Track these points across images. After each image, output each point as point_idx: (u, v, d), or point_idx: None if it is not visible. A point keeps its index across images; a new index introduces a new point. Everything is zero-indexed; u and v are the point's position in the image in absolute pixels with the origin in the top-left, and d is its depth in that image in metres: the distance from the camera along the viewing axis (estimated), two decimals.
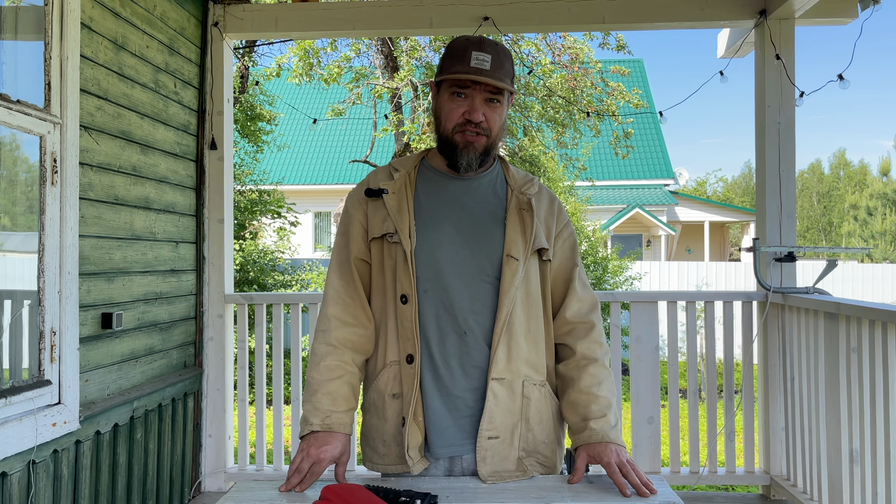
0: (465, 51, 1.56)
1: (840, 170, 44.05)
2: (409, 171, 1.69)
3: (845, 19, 3.50)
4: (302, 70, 8.82)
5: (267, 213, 9.44)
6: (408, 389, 1.57)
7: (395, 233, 1.60)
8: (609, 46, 9.20)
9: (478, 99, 1.57)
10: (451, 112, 1.59)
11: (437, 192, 1.66)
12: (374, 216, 1.65)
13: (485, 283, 1.59)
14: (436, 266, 1.58)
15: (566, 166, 10.85)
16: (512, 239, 1.61)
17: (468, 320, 1.57)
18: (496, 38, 8.97)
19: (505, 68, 1.58)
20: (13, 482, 2.21)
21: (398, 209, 1.62)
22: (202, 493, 3.62)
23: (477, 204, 1.65)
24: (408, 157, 1.74)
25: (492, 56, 1.56)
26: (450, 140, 1.61)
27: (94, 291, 2.72)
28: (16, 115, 2.24)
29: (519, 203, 1.66)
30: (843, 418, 2.79)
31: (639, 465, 3.57)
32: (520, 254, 1.60)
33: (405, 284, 1.58)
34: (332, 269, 1.70)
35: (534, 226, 1.63)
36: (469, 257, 1.60)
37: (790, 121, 3.49)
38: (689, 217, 20.86)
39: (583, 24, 3.68)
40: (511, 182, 1.70)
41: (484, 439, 1.55)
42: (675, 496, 1.45)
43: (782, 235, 3.48)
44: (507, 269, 1.58)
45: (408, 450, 1.55)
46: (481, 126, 1.58)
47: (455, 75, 1.55)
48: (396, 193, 1.64)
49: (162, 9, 3.23)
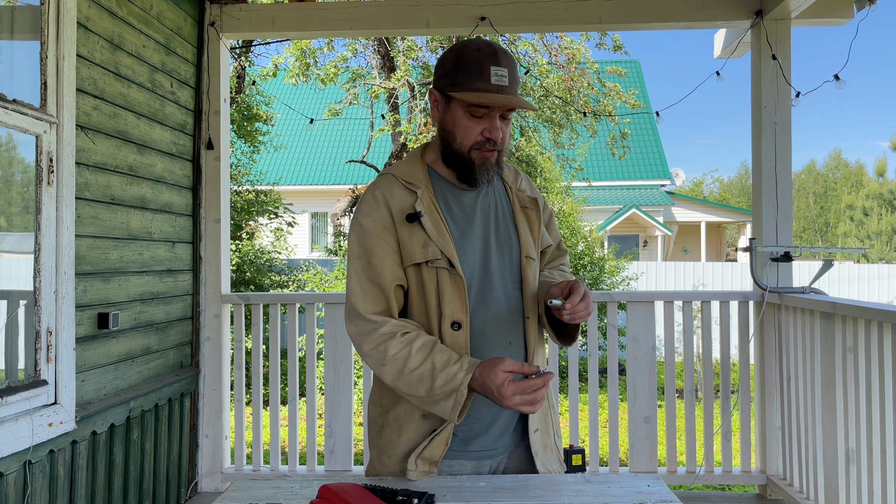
0: (483, 65, 1.49)
1: (836, 170, 44.17)
2: (426, 185, 1.59)
3: (841, 20, 3.51)
4: (298, 70, 8.80)
5: (264, 214, 9.43)
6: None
7: (441, 258, 1.51)
8: (606, 47, 9.21)
9: (496, 117, 1.53)
10: (468, 129, 1.53)
11: (457, 206, 1.60)
12: (411, 240, 1.53)
13: (514, 288, 1.61)
14: (478, 285, 1.57)
15: (563, 167, 10.85)
16: (526, 240, 1.63)
17: (509, 330, 1.59)
18: (493, 39, 8.99)
19: (518, 79, 1.54)
20: (9, 482, 2.21)
21: (438, 232, 1.53)
22: (199, 494, 3.62)
23: (492, 212, 1.63)
24: (413, 168, 1.62)
25: (508, 69, 1.51)
26: (465, 157, 1.55)
27: (91, 291, 2.71)
28: (12, 115, 2.23)
29: (520, 202, 1.68)
30: (840, 418, 2.80)
31: (635, 464, 3.57)
32: (534, 253, 1.64)
33: (458, 311, 1.52)
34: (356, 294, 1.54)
35: (540, 223, 1.67)
36: (496, 267, 1.59)
37: (786, 121, 3.50)
38: (685, 217, 20.89)
39: (579, 24, 3.69)
40: (507, 180, 1.70)
41: (531, 433, 1.63)
42: (671, 494, 1.45)
43: (779, 235, 3.48)
44: (529, 270, 1.61)
45: (417, 458, 1.53)
46: (497, 143, 1.55)
47: (478, 94, 1.49)
48: (428, 214, 1.55)
49: (158, 8, 3.23)
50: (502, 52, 1.54)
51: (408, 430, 1.56)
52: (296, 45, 8.58)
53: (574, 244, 9.48)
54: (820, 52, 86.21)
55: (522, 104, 1.51)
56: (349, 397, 3.65)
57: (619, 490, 1.49)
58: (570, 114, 9.43)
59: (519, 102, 1.51)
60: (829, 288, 10.58)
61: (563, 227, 10.03)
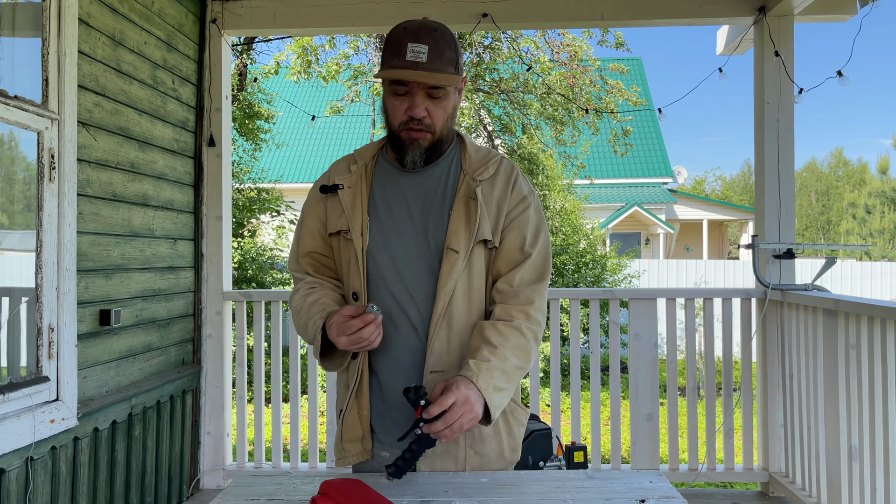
0: (402, 43, 1.48)
1: (839, 168, 44.10)
2: (367, 162, 1.65)
3: (844, 16, 3.50)
4: (300, 67, 8.81)
5: (266, 211, 9.42)
6: (351, 382, 1.60)
7: (349, 230, 1.58)
8: (608, 44, 9.20)
9: (419, 95, 1.50)
10: (394, 108, 1.53)
11: (391, 185, 1.62)
12: (332, 212, 1.63)
13: (432, 276, 1.55)
14: (387, 262, 1.56)
15: (565, 164, 10.85)
16: (454, 230, 1.54)
17: (412, 315, 1.55)
18: (494, 34, 8.98)
19: (445, 56, 1.49)
20: (11, 479, 2.21)
21: (352, 206, 1.59)
22: (200, 491, 3.62)
23: (427, 196, 1.59)
24: (368, 147, 1.70)
25: (429, 46, 1.47)
26: (397, 137, 1.56)
27: (92, 288, 2.72)
28: (13, 111, 2.23)
29: (468, 191, 1.57)
30: (842, 415, 2.79)
31: (637, 462, 3.57)
32: (461, 246, 1.52)
33: (355, 282, 1.57)
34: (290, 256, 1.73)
35: (478, 216, 1.53)
36: (419, 252, 1.56)
37: (789, 118, 3.49)
38: (687, 215, 20.86)
39: (581, 20, 3.68)
40: (465, 165, 1.61)
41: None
42: (673, 490, 1.45)
43: (781, 232, 3.48)
44: (446, 261, 1.52)
45: (342, 441, 1.60)
46: (424, 122, 1.52)
47: (388, 71, 1.48)
48: (352, 188, 1.61)
49: (160, 5, 3.22)
50: (428, 29, 1.50)
51: (338, 402, 1.67)
52: (297, 42, 8.58)
53: (576, 242, 9.46)
54: (823, 48, 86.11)
55: (429, 80, 1.46)
56: None
57: (621, 486, 1.48)
58: (573, 111, 9.42)
59: (424, 78, 1.45)
60: (832, 285, 10.57)
61: (565, 225, 10.02)
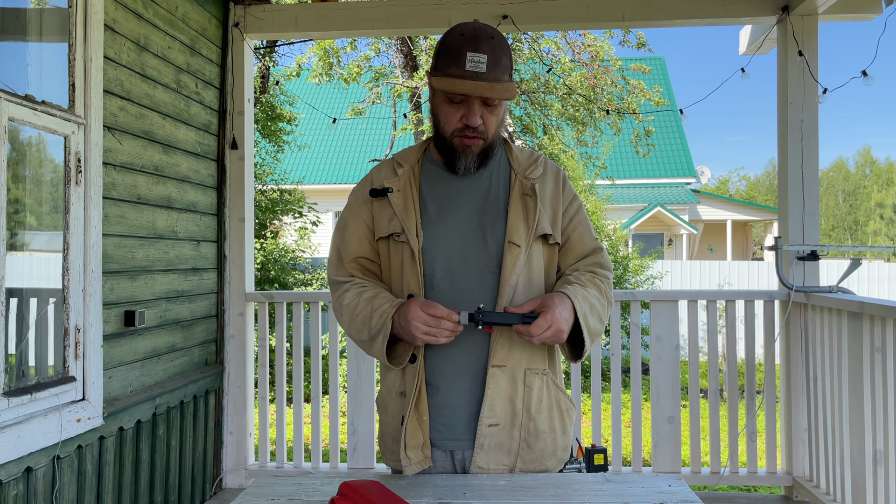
0: (460, 50, 1.49)
1: (866, 167, 43.43)
2: (413, 165, 1.65)
3: (869, 15, 3.45)
4: (322, 70, 8.85)
5: (288, 213, 9.49)
6: (410, 388, 1.57)
7: (402, 232, 1.58)
8: (629, 44, 9.14)
9: (476, 103, 1.52)
10: (448, 115, 1.55)
11: (441, 186, 1.63)
12: (381, 215, 1.62)
13: (491, 273, 1.57)
14: (443, 263, 1.57)
15: (586, 165, 10.80)
16: (514, 225, 1.57)
17: None
18: (514, 35, 8.96)
19: (502, 65, 1.50)
20: (38, 477, 2.25)
21: (404, 208, 1.59)
22: (223, 490, 3.66)
23: (480, 196, 1.62)
24: (410, 150, 1.70)
25: (488, 55, 1.48)
26: (448, 143, 1.57)
27: (118, 289, 2.76)
28: (41, 116, 2.27)
29: (522, 188, 1.61)
30: (867, 419, 2.75)
31: (659, 464, 3.55)
32: (521, 240, 1.56)
33: (412, 283, 1.57)
34: (330, 261, 1.70)
35: (537, 211, 1.58)
36: (475, 250, 1.57)
37: (813, 118, 3.45)
38: (711, 216, 20.65)
39: (602, 21, 3.67)
40: (515, 165, 1.65)
41: (484, 426, 1.54)
42: (692, 494, 1.44)
43: (805, 234, 3.44)
44: (509, 255, 1.55)
45: (405, 449, 1.55)
46: (478, 130, 1.53)
47: (450, 81, 1.49)
48: (401, 191, 1.61)
49: (183, 10, 3.27)
50: (486, 36, 1.51)
51: (391, 408, 1.63)
52: (319, 45, 8.63)
53: None
54: (847, 48, 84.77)
55: (490, 94, 1.48)
56: (372, 395, 3.66)
57: (639, 490, 1.48)
58: (594, 112, 9.37)
59: (487, 91, 1.47)
60: (858, 287, 10.40)
61: None
